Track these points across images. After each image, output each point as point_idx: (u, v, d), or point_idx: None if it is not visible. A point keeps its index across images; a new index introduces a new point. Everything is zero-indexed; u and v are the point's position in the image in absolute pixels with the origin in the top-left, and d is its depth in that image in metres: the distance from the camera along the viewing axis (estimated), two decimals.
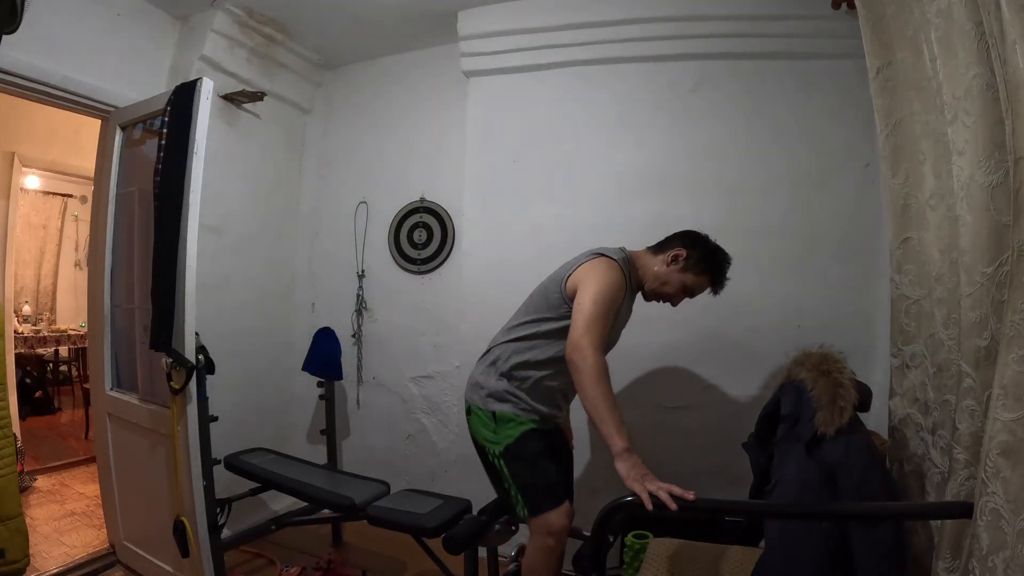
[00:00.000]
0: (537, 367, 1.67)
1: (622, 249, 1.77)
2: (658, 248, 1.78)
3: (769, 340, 2.22)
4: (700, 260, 1.72)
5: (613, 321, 1.63)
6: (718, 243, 1.78)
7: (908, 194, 1.35)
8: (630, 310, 1.81)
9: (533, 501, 1.59)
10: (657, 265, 1.74)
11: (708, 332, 2.34)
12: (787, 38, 2.27)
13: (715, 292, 1.77)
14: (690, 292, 1.76)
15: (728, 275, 1.76)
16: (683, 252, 1.72)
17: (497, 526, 1.81)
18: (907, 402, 1.38)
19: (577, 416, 2.41)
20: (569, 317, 1.57)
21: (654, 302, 1.82)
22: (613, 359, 2.36)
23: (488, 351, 1.78)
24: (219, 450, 2.21)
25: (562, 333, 1.59)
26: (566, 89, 2.53)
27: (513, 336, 1.72)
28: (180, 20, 2.58)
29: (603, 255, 1.68)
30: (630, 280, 1.71)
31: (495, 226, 2.61)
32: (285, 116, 3.05)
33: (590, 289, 1.57)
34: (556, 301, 1.66)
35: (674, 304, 1.80)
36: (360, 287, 3.05)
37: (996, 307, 0.97)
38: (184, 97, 1.99)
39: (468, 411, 1.74)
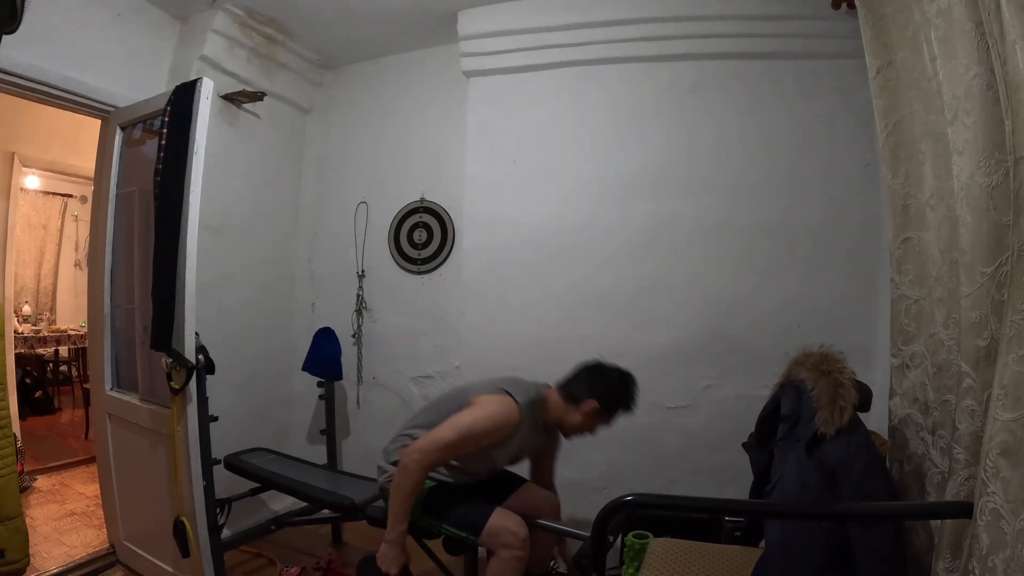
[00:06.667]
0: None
1: (539, 389, 1.83)
2: (569, 396, 1.81)
3: (769, 340, 2.22)
4: (615, 408, 1.81)
5: (498, 451, 1.73)
6: (616, 368, 1.84)
7: (908, 194, 1.35)
8: (544, 442, 1.92)
9: (469, 524, 1.67)
10: (572, 415, 1.79)
11: (708, 332, 2.34)
12: (787, 38, 2.27)
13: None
14: (609, 425, 1.87)
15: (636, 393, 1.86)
16: (596, 405, 1.77)
17: None
18: (907, 402, 1.38)
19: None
20: None
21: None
22: (612, 358, 2.38)
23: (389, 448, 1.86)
24: (219, 450, 2.22)
25: None
26: (566, 89, 2.53)
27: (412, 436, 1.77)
28: (180, 20, 2.58)
29: (508, 393, 1.70)
30: (533, 421, 1.77)
31: (495, 226, 2.61)
32: (285, 116, 3.05)
33: (464, 418, 1.64)
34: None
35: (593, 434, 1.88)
36: (360, 287, 3.05)
37: (996, 307, 0.97)
38: (184, 97, 1.99)
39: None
